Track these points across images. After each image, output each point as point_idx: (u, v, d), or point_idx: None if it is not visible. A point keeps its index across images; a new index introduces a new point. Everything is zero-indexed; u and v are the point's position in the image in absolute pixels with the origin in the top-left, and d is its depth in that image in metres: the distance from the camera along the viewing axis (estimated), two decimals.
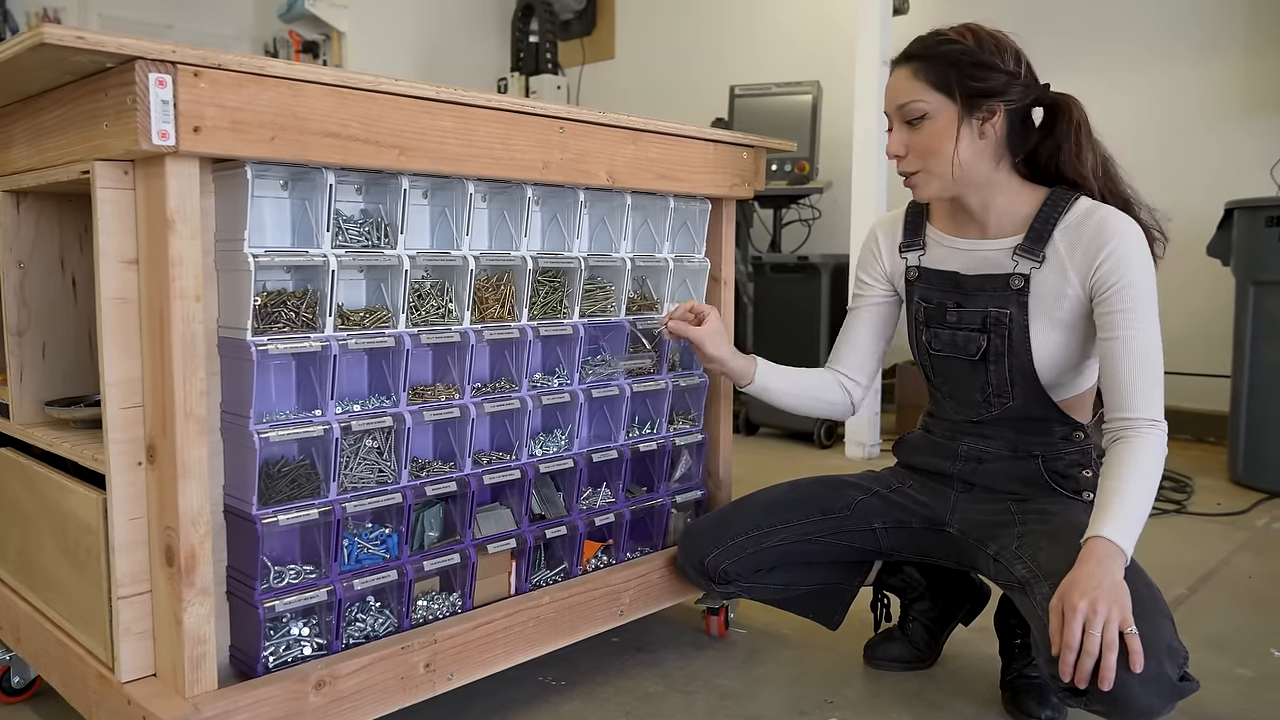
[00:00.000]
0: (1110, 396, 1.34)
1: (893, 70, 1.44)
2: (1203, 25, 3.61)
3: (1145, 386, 1.31)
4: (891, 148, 1.44)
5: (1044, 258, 1.40)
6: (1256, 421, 2.92)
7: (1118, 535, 1.21)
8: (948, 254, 1.51)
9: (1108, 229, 1.36)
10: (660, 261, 1.68)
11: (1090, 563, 1.19)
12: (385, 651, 1.28)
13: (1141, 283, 1.34)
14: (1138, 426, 1.30)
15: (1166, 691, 1.14)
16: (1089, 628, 1.13)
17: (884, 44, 3.20)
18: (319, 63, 5.23)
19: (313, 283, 1.26)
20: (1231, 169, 3.54)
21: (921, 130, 1.40)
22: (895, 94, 1.42)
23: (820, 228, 4.39)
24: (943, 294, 1.50)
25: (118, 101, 1.04)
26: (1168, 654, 1.16)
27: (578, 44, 5.56)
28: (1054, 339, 1.41)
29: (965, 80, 1.37)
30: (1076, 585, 1.17)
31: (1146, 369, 1.32)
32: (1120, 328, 1.33)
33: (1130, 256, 1.34)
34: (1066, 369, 1.44)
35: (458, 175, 1.35)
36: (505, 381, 1.50)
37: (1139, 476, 1.26)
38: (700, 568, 1.59)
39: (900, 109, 1.42)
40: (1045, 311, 1.41)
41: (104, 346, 1.13)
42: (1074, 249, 1.38)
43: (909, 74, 1.41)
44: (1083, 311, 1.39)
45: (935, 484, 1.57)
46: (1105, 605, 1.14)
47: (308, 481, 1.26)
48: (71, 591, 1.28)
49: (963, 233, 1.50)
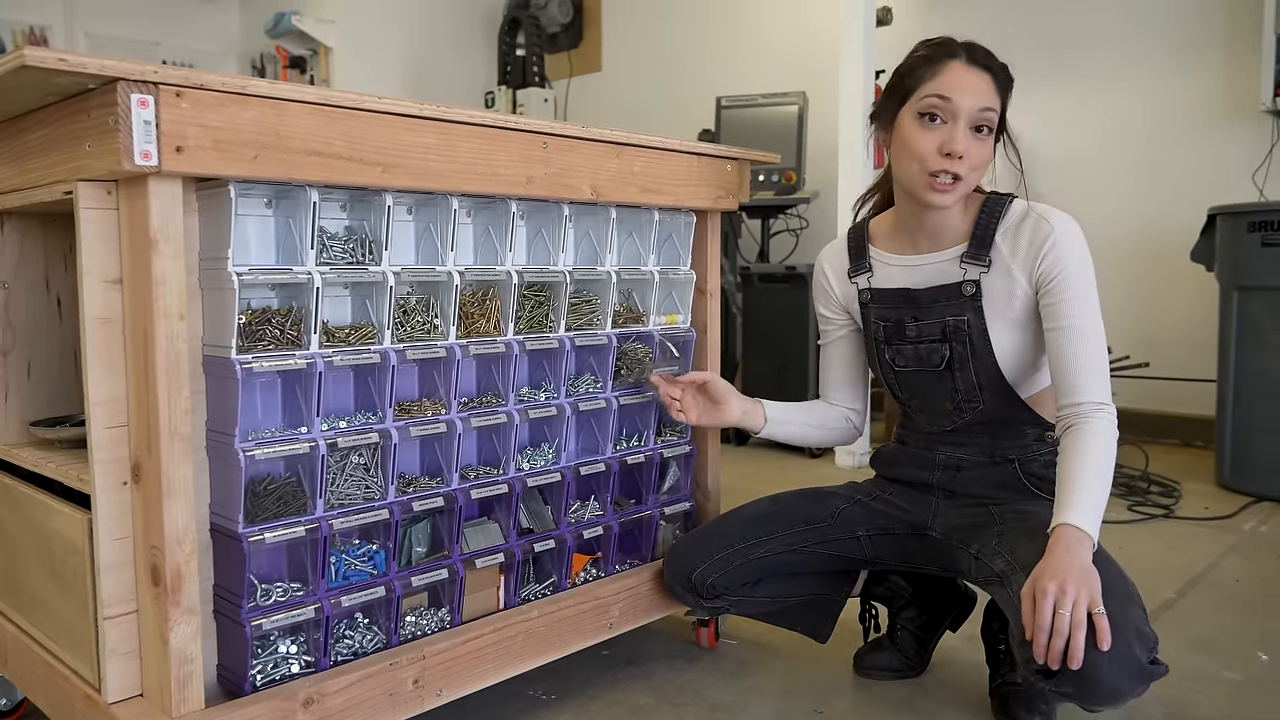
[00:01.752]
0: (1059, 383, 1.38)
1: (965, 61, 1.39)
2: (1183, 32, 3.64)
3: (1091, 370, 1.35)
4: (961, 145, 1.37)
5: (990, 262, 1.44)
6: (1243, 426, 2.94)
7: (1082, 521, 1.24)
8: (895, 272, 1.53)
9: (1045, 224, 1.41)
10: (646, 274, 1.69)
11: (1059, 550, 1.22)
12: (374, 668, 1.28)
13: (1081, 272, 1.38)
14: (1086, 412, 1.33)
15: (1134, 672, 1.16)
16: (1059, 608, 1.16)
17: (868, 55, 3.22)
18: (306, 78, 5.24)
19: (297, 300, 1.26)
20: (1214, 175, 3.57)
21: (983, 142, 1.41)
22: (982, 96, 1.38)
23: (808, 237, 4.41)
24: (898, 311, 1.52)
25: (100, 122, 1.04)
26: (1136, 636, 1.17)
27: (564, 57, 5.58)
28: (1013, 337, 1.45)
29: (1006, 108, 1.44)
30: (1046, 571, 1.20)
31: (1090, 353, 1.36)
32: (1063, 316, 1.37)
33: (1070, 249, 1.39)
34: (1028, 365, 1.47)
35: (441, 191, 1.35)
36: (492, 396, 1.50)
37: (1094, 462, 1.29)
38: (688, 583, 1.59)
39: (982, 112, 1.38)
40: (999, 313, 1.44)
41: (88, 366, 1.13)
42: (1016, 249, 1.43)
43: (993, 84, 1.40)
44: (1033, 308, 1.43)
45: (916, 492, 1.58)
46: (1074, 587, 1.16)
47: (294, 499, 1.26)
48: (57, 612, 1.28)
49: (906, 249, 1.53)
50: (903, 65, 1.46)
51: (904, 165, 1.43)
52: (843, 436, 1.71)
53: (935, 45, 1.42)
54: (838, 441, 1.72)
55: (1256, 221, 2.83)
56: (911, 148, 1.41)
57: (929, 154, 1.39)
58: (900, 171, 1.45)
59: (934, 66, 1.40)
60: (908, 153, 1.41)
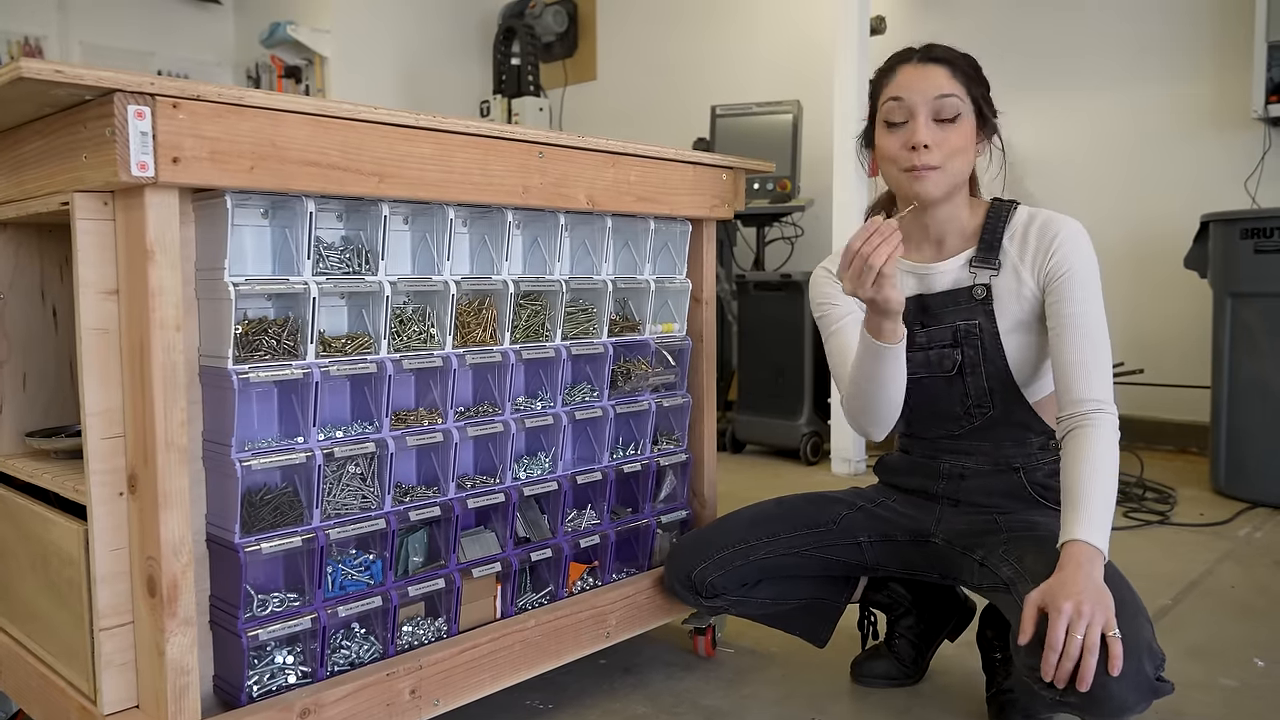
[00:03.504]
0: (1060, 382, 1.37)
1: (916, 62, 1.44)
2: (1176, 40, 3.66)
3: (1093, 369, 1.35)
4: (922, 135, 1.40)
5: (999, 264, 1.45)
6: (1237, 432, 2.95)
7: (1093, 536, 1.23)
8: (905, 279, 1.53)
9: (1052, 226, 1.43)
10: (642, 283, 1.69)
11: (1071, 566, 1.21)
12: (370, 679, 1.28)
13: (1086, 272, 1.39)
14: (1088, 414, 1.32)
15: (1144, 690, 1.16)
16: (1072, 630, 1.15)
17: (861, 64, 3.23)
18: (301, 88, 5.25)
19: (294, 310, 1.26)
20: (1206, 182, 3.59)
21: (954, 129, 1.42)
22: (935, 86, 1.41)
23: (803, 245, 4.42)
24: (908, 317, 1.51)
25: (96, 133, 1.04)
26: (1147, 654, 1.17)
27: (560, 66, 5.60)
28: (1023, 340, 1.45)
29: (985, 98, 1.46)
30: (1060, 589, 1.18)
31: (1093, 352, 1.35)
32: (1067, 315, 1.38)
33: (1076, 249, 1.40)
34: (1036, 368, 1.48)
35: (437, 201, 1.36)
36: (488, 405, 1.50)
37: (1099, 469, 1.28)
38: (688, 582, 1.59)
39: (940, 100, 1.41)
40: (1010, 315, 1.45)
41: (84, 377, 1.12)
42: (1024, 251, 1.44)
43: (948, 73, 1.43)
44: (1041, 309, 1.44)
45: (920, 500, 1.58)
46: (1090, 608, 1.15)
47: (290, 509, 1.26)
48: (53, 624, 1.28)
49: (913, 256, 1.53)
50: (870, 84, 1.52)
51: (886, 172, 1.49)
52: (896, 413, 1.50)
53: (891, 56, 1.49)
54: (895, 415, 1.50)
55: (1249, 228, 2.85)
56: (884, 153, 1.46)
57: (898, 154, 1.43)
58: (887, 180, 1.50)
59: (889, 75, 1.47)
60: (884, 159, 1.47)
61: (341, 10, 5.13)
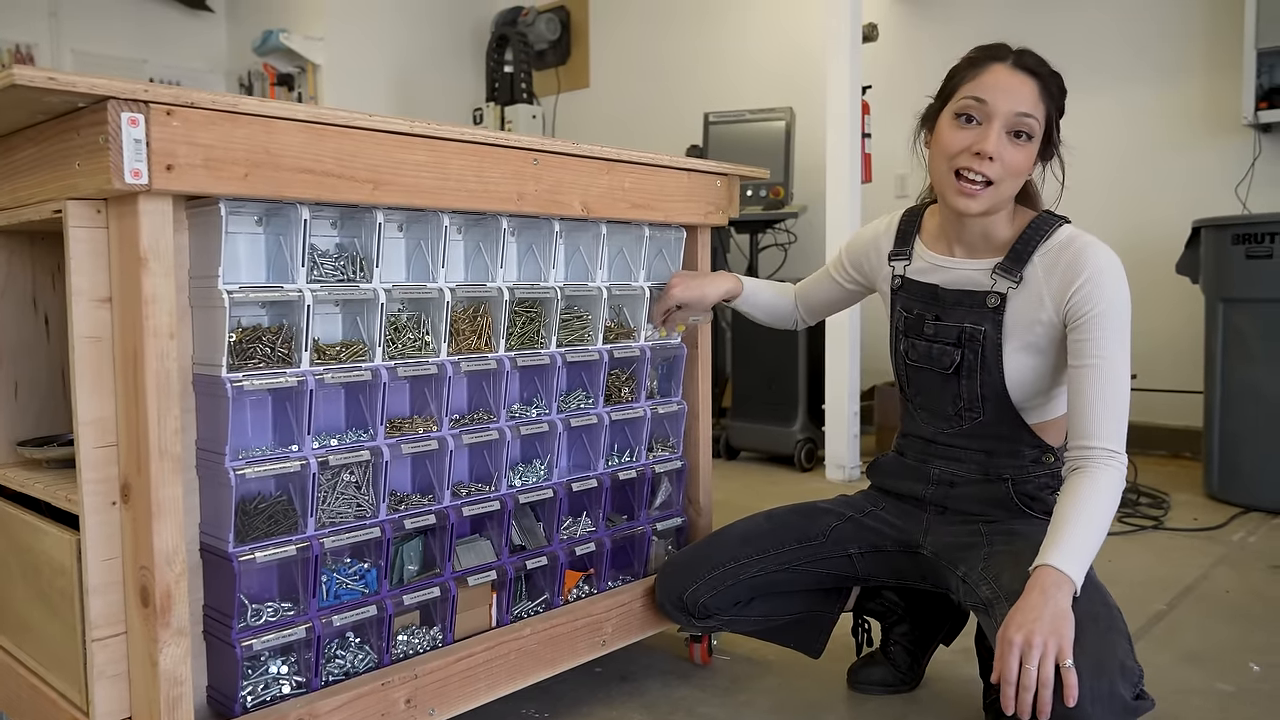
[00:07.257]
0: (1074, 422, 1.34)
1: (1009, 65, 1.37)
2: (1166, 47, 3.68)
3: (1108, 416, 1.31)
4: (991, 146, 1.34)
5: (1021, 279, 1.41)
6: (1230, 436, 2.96)
7: (1066, 564, 1.21)
8: (929, 268, 1.52)
9: (1085, 256, 1.36)
10: (637, 290, 1.69)
11: (1034, 593, 1.19)
12: (365, 688, 1.27)
13: (1115, 314, 1.33)
14: (1096, 457, 1.29)
15: (1118, 711, 1.15)
16: (1025, 662, 1.14)
17: (854, 70, 3.24)
18: (294, 95, 5.24)
19: (288, 318, 1.26)
20: (1198, 188, 3.61)
21: (1022, 150, 1.36)
22: (1020, 100, 1.35)
23: (796, 252, 4.43)
24: (923, 306, 1.51)
25: (90, 141, 1.04)
26: (1121, 673, 1.16)
27: (553, 73, 5.60)
28: (1026, 362, 1.42)
29: (1057, 124, 1.40)
30: (1015, 619, 1.18)
31: (1110, 399, 1.31)
32: (1089, 356, 1.33)
33: (1106, 287, 1.34)
34: (1038, 392, 1.45)
35: (432, 208, 1.35)
36: (483, 413, 1.50)
37: (1093, 507, 1.26)
38: (680, 603, 1.59)
39: (1020, 117, 1.35)
40: (1019, 334, 1.42)
41: (77, 385, 1.12)
42: (1051, 274, 1.39)
43: (1037, 90, 1.36)
44: (1057, 338, 1.40)
45: (909, 506, 1.57)
46: (1041, 638, 1.14)
47: (285, 518, 1.25)
48: (45, 634, 1.27)
49: (947, 251, 1.51)
50: (952, 69, 1.44)
51: (935, 164, 1.42)
52: (787, 326, 1.85)
53: (984, 49, 1.41)
54: (780, 325, 1.85)
55: (1240, 234, 2.86)
56: (943, 145, 1.39)
57: (958, 151, 1.37)
58: (932, 171, 1.44)
59: (976, 68, 1.38)
60: (939, 150, 1.40)
61: (334, 18, 5.12)
